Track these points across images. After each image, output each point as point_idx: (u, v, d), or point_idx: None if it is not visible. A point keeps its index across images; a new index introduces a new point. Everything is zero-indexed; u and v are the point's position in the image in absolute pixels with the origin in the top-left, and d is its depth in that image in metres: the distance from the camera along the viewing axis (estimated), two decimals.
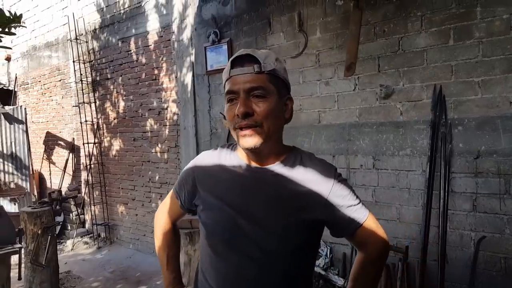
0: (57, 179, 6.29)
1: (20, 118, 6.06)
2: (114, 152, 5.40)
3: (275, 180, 1.04)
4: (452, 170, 2.56)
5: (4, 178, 6.00)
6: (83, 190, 5.87)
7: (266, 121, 0.99)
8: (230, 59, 1.01)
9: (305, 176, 1.04)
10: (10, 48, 6.21)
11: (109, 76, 5.31)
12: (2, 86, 7.32)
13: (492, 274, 2.44)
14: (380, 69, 2.82)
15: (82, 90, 5.48)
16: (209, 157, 1.17)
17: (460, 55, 2.49)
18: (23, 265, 3.46)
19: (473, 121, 2.47)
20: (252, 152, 1.02)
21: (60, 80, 6.19)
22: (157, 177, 4.80)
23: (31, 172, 6.23)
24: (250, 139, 0.98)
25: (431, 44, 2.59)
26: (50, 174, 6.61)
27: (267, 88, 0.99)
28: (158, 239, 1.34)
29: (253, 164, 1.07)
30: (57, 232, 5.08)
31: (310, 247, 1.10)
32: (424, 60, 2.63)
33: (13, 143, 6.03)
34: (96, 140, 5.54)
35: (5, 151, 5.98)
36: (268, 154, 1.05)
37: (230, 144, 1.18)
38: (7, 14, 2.86)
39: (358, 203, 1.06)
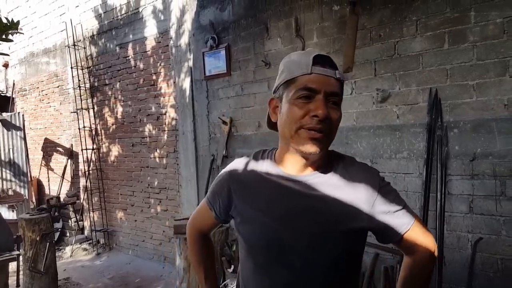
0: (56, 186, 6.29)
1: (18, 124, 6.06)
2: (112, 158, 5.41)
3: (317, 189, 0.99)
4: (448, 173, 2.58)
5: (2, 185, 5.99)
6: (81, 196, 5.86)
7: (334, 130, 0.96)
8: (312, 55, 0.94)
9: (348, 184, 0.99)
10: (8, 55, 6.22)
11: (107, 82, 5.33)
12: (0, 92, 7.33)
13: (489, 276, 2.46)
14: (376, 73, 2.86)
15: (80, 96, 5.50)
16: (243, 166, 1.12)
17: (455, 58, 2.52)
18: (21, 272, 3.45)
19: (469, 123, 2.49)
20: (307, 157, 0.97)
21: (58, 86, 6.21)
22: (156, 183, 4.80)
23: (29, 179, 6.22)
24: (318, 144, 0.93)
25: (426, 48, 2.63)
26: (48, 180, 6.60)
27: (341, 96, 0.97)
28: (192, 252, 1.32)
29: (292, 172, 1.01)
30: (55, 239, 5.07)
31: (354, 256, 1.05)
32: (420, 64, 2.66)
33: (11, 150, 6.02)
34: (95, 146, 5.55)
35: (3, 158, 5.97)
36: (315, 162, 1.00)
37: (264, 151, 1.13)
38: (4, 20, 2.88)
39: (403, 208, 1.00)
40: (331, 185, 0.99)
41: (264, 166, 1.07)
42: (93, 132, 5.55)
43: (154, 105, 4.74)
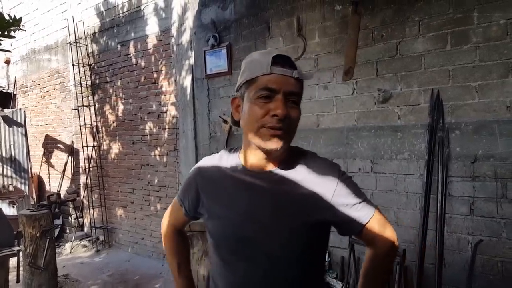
0: (56, 182, 6.29)
1: (19, 121, 6.06)
2: (113, 155, 5.41)
3: (279, 183, 1.02)
4: (449, 174, 2.57)
5: (3, 181, 6.00)
6: (82, 193, 5.87)
7: (294, 128, 1.00)
8: (272, 55, 0.97)
9: (309, 177, 1.02)
10: (10, 51, 6.20)
11: (108, 79, 5.32)
12: (2, 89, 7.33)
13: (489, 278, 2.45)
14: (378, 73, 2.84)
15: (82, 93, 5.49)
16: (210, 163, 1.15)
17: (458, 59, 2.51)
18: (21, 268, 3.46)
19: (470, 125, 2.48)
20: (270, 153, 1.00)
21: (59, 83, 6.21)
22: (156, 181, 4.80)
23: (30, 175, 6.23)
24: (279, 140, 0.96)
25: (428, 49, 2.61)
26: (49, 177, 6.61)
27: (300, 96, 1.01)
28: (166, 248, 1.34)
29: (257, 168, 1.05)
30: (55, 235, 5.07)
31: (318, 249, 1.09)
32: (422, 64, 2.65)
33: (12, 146, 6.03)
34: (95, 143, 5.55)
35: (4, 154, 5.98)
36: (277, 158, 1.03)
37: (231, 148, 1.16)
38: (7, 17, 2.88)
39: (364, 200, 1.04)
40: (292, 180, 1.02)
41: (229, 163, 1.11)
42: (94, 130, 5.55)
43: (155, 103, 4.74)
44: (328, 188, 1.01)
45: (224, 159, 1.13)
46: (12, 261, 3.36)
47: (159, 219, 4.79)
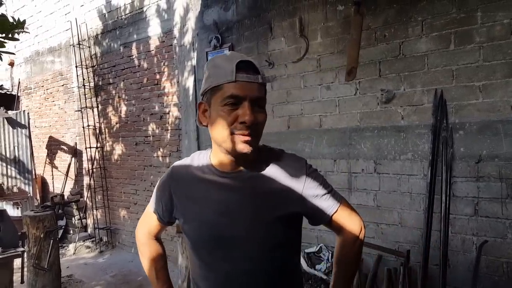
0: (60, 183, 6.32)
1: (23, 122, 6.09)
2: (116, 157, 5.42)
3: (251, 181, 1.06)
4: (453, 174, 2.56)
5: (7, 182, 6.03)
6: (85, 194, 5.88)
7: (261, 131, 1.03)
8: (235, 62, 0.99)
9: (279, 173, 1.07)
10: (13, 54, 6.23)
11: (111, 81, 5.34)
12: (5, 91, 7.37)
13: (494, 279, 2.44)
14: (381, 73, 2.83)
15: (85, 94, 5.51)
16: (182, 168, 1.17)
17: (461, 59, 2.50)
18: (25, 269, 3.47)
19: (474, 125, 2.47)
20: (242, 156, 1.03)
21: (63, 85, 6.24)
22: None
23: (33, 176, 6.26)
24: (249, 147, 0.99)
25: (432, 48, 2.60)
26: (52, 178, 6.63)
27: (265, 99, 1.04)
28: (142, 256, 1.33)
29: (228, 169, 1.08)
30: (59, 236, 5.09)
31: (292, 242, 1.14)
32: (425, 64, 2.63)
33: (16, 148, 6.06)
34: (99, 145, 5.57)
35: (8, 156, 6.01)
36: (247, 159, 1.06)
37: (200, 152, 1.19)
38: (11, 19, 2.89)
39: (331, 191, 1.11)
40: (264, 177, 1.07)
41: (201, 166, 1.13)
42: (97, 131, 5.57)
43: (157, 104, 4.74)
44: (298, 182, 1.07)
45: (195, 162, 1.15)
46: (17, 262, 3.38)
47: None
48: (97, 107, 5.56)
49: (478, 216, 2.48)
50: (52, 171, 6.62)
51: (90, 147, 5.53)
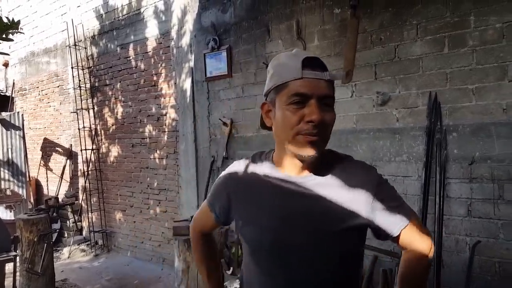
0: (54, 186, 6.28)
1: (17, 124, 6.05)
2: (112, 159, 5.41)
3: (316, 189, 1.00)
4: (447, 176, 2.60)
5: (0, 184, 5.97)
6: (80, 196, 5.85)
7: (329, 132, 0.97)
8: (301, 58, 0.93)
9: (346, 182, 1.00)
10: (8, 54, 6.22)
11: (107, 82, 5.33)
12: (0, 92, 7.32)
13: (487, 279, 2.47)
14: (377, 76, 2.87)
15: (81, 96, 5.50)
16: (242, 168, 1.13)
17: (455, 62, 2.55)
18: (18, 273, 3.42)
19: (468, 127, 2.51)
20: (306, 160, 0.98)
21: (58, 86, 6.21)
22: (155, 184, 4.80)
23: (27, 179, 6.20)
24: (315, 147, 0.94)
25: (426, 52, 2.65)
26: (47, 180, 6.58)
27: (333, 97, 0.97)
28: (195, 253, 1.34)
29: (292, 173, 1.02)
30: (53, 240, 5.05)
31: (354, 256, 1.06)
32: (420, 67, 2.68)
33: (9, 150, 6.01)
34: (94, 147, 5.55)
35: (1, 158, 5.96)
36: (312, 163, 1.00)
37: (262, 152, 1.14)
38: (5, 20, 2.89)
39: (401, 204, 1.01)
40: (329, 185, 1.00)
41: (262, 168, 1.08)
42: (93, 133, 5.55)
43: (154, 106, 4.75)
44: (366, 193, 0.98)
45: (257, 164, 1.11)
46: (9, 267, 3.32)
47: (158, 222, 4.80)
48: (93, 108, 5.55)
49: (471, 217, 2.52)
50: (46, 173, 6.57)
51: (86, 149, 5.50)
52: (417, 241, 1.02)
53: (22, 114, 6.26)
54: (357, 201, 0.98)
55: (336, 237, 0.98)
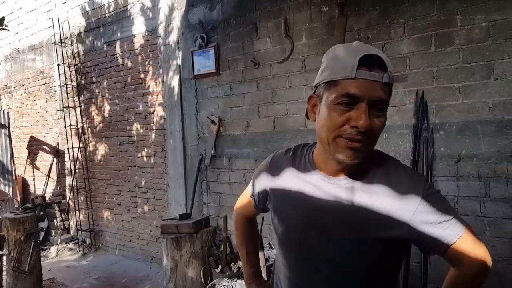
0: (41, 184, 6.19)
1: (2, 122, 5.95)
2: (99, 157, 5.35)
3: (352, 193, 0.94)
4: (434, 174, 2.61)
5: None
6: (67, 195, 5.79)
7: (376, 138, 0.90)
8: (359, 56, 0.84)
9: (388, 189, 0.91)
10: None
11: (94, 79, 5.26)
12: None
13: None
14: None
15: (67, 94, 5.42)
16: (282, 162, 1.10)
17: (441, 61, 2.55)
18: (5, 273, 3.40)
19: (454, 125, 2.53)
20: (344, 164, 0.92)
21: (44, 84, 6.11)
22: (143, 182, 4.76)
23: (14, 178, 6.11)
24: (357, 154, 0.88)
25: (413, 50, 2.65)
26: (34, 179, 6.50)
27: (388, 102, 0.89)
28: (237, 236, 1.40)
29: (330, 174, 0.98)
30: (40, 239, 4.99)
31: (388, 268, 0.99)
32: (407, 66, 2.68)
33: None
34: (81, 145, 5.48)
35: None
36: (353, 166, 0.93)
37: (305, 145, 1.10)
38: None
39: (452, 218, 0.90)
40: (367, 190, 0.93)
41: (302, 163, 1.05)
42: (80, 131, 5.48)
43: (142, 104, 4.70)
44: (409, 204, 0.89)
45: (297, 158, 1.08)
46: None
47: (146, 221, 4.77)
48: (80, 106, 5.48)
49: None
50: (33, 172, 6.48)
51: (73, 147, 5.44)
52: (470, 257, 0.91)
53: (8, 112, 6.15)
54: (395, 211, 0.90)
55: (364, 247, 0.92)
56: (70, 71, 5.47)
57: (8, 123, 6.03)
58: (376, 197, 0.92)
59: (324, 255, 0.97)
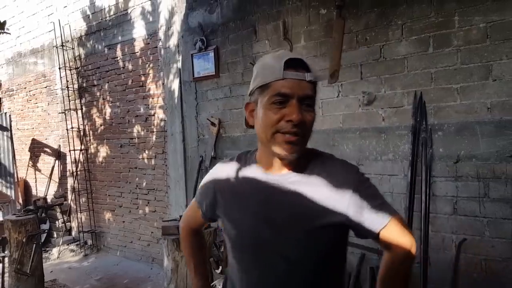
0: (43, 187, 6.22)
1: (4, 125, 5.98)
2: (100, 159, 5.38)
3: (296, 186, 1.01)
4: (433, 174, 2.62)
5: None
6: (69, 197, 5.81)
7: (309, 131, 1.00)
8: (284, 59, 0.96)
9: (326, 179, 1.01)
10: None
11: (95, 82, 5.29)
12: None
13: (473, 276, 2.50)
14: (362, 76, 2.88)
15: (68, 96, 5.45)
16: (227, 168, 1.16)
17: (439, 62, 2.56)
18: (6, 274, 3.42)
19: (453, 126, 2.53)
20: (285, 159, 1.01)
21: (46, 87, 6.15)
22: (144, 184, 4.78)
23: (16, 180, 6.15)
24: (295, 147, 0.97)
25: (411, 52, 2.66)
26: (35, 181, 6.53)
27: (315, 98, 1.00)
28: (184, 248, 1.38)
29: (273, 171, 1.05)
30: (42, 240, 5.02)
31: (335, 254, 1.07)
32: (405, 67, 2.69)
33: None
34: (83, 147, 5.51)
35: None
36: (293, 161, 1.02)
37: (247, 152, 1.17)
38: None
39: (382, 203, 1.01)
40: (308, 182, 1.01)
41: (246, 167, 1.11)
42: (81, 133, 5.51)
43: (142, 106, 4.72)
44: (345, 190, 0.99)
45: (241, 163, 1.14)
46: None
47: (147, 222, 4.79)
48: (81, 109, 5.50)
49: (457, 215, 2.55)
50: (35, 174, 6.51)
51: (74, 150, 5.46)
52: (399, 241, 1.01)
53: (10, 115, 6.19)
54: (335, 199, 0.99)
55: (314, 234, 0.99)
56: (71, 74, 5.50)
57: (10, 126, 6.06)
58: (318, 188, 1.00)
59: (279, 250, 1.01)
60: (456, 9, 2.48)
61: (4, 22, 2.92)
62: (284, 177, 1.03)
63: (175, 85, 4.23)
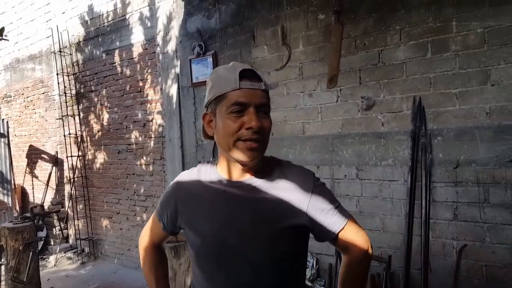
0: (40, 193, 6.18)
1: (2, 131, 5.95)
2: (98, 165, 5.34)
3: (257, 192, 1.05)
4: (432, 180, 2.60)
5: None
6: (66, 204, 5.77)
7: (267, 137, 1.04)
8: (238, 70, 1.01)
9: (285, 185, 1.06)
10: None
11: (93, 88, 5.28)
12: None
13: (474, 282, 2.48)
14: (361, 81, 2.88)
15: (66, 102, 5.44)
16: (189, 178, 1.17)
17: (438, 67, 2.56)
18: (3, 283, 3.38)
19: (452, 131, 2.53)
20: (247, 165, 1.04)
21: (43, 93, 6.13)
22: (142, 190, 4.75)
23: (13, 187, 6.09)
24: (256, 153, 1.01)
25: (410, 57, 2.66)
26: (33, 188, 6.48)
27: (269, 105, 1.05)
28: (144, 263, 1.33)
29: (234, 178, 1.08)
30: (39, 248, 4.97)
31: (297, 256, 1.11)
32: (404, 72, 2.69)
33: None
34: (80, 153, 5.48)
35: None
36: (253, 167, 1.07)
37: (208, 161, 1.20)
38: None
39: (338, 207, 1.08)
40: (269, 187, 1.06)
41: (207, 176, 1.13)
42: (79, 139, 5.48)
43: (140, 112, 4.71)
44: (304, 194, 1.05)
45: (202, 172, 1.15)
46: None
47: None
48: (79, 115, 5.48)
49: (458, 221, 2.53)
50: (32, 180, 6.47)
51: (72, 156, 5.43)
52: (355, 243, 1.07)
53: (7, 121, 6.16)
54: (293, 202, 1.04)
55: (274, 238, 1.03)
56: (69, 80, 5.48)
57: (8, 132, 6.03)
58: (278, 192, 1.05)
59: (244, 255, 1.04)
60: (454, 14, 2.49)
61: (3, 29, 2.92)
62: (245, 183, 1.06)
63: (173, 90, 4.22)
